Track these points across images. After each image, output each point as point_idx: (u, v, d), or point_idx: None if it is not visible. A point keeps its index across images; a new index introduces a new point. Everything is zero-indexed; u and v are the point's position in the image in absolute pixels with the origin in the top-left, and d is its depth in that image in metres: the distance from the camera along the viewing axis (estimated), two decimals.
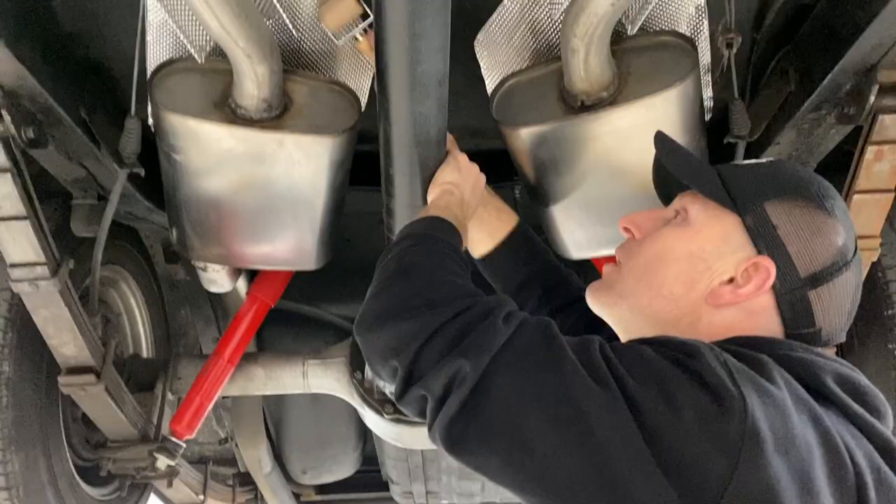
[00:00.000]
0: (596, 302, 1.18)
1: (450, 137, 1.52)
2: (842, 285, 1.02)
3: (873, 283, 1.92)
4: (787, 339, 1.01)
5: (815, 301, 1.01)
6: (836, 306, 1.02)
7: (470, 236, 1.54)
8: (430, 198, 1.42)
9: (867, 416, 0.92)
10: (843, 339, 1.06)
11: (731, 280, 1.03)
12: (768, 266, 1.00)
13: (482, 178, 1.50)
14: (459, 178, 1.41)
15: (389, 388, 2.25)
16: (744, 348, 0.93)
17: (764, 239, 1.02)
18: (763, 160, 1.43)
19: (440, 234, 1.21)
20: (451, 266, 1.13)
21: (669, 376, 0.86)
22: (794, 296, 1.01)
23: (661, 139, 1.18)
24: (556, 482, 0.86)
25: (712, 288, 1.04)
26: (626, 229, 1.17)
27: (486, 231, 1.56)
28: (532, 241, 1.58)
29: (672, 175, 1.15)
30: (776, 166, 1.13)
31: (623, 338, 1.15)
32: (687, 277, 1.06)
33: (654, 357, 0.89)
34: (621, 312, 1.14)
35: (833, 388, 0.92)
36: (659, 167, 1.22)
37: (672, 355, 0.89)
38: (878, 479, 0.87)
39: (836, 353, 1.23)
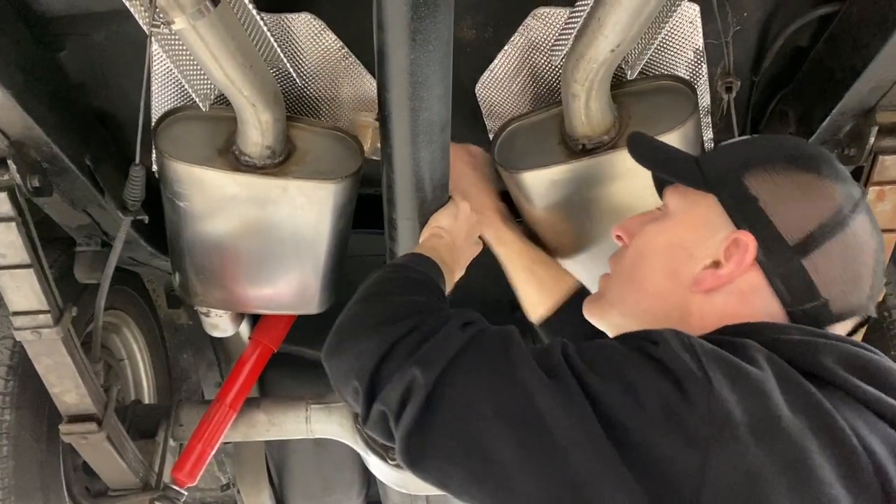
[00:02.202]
0: (590, 314, 1.16)
1: (473, 179, 1.54)
2: (841, 247, 0.92)
3: (878, 324, 1.91)
4: (787, 323, 0.93)
5: (812, 269, 0.92)
6: (841, 272, 0.92)
7: (530, 299, 1.53)
8: (420, 239, 1.43)
9: (884, 398, 0.82)
10: (869, 311, 0.96)
11: (716, 264, 0.97)
12: (747, 240, 0.94)
13: (479, 244, 1.51)
14: (453, 225, 1.42)
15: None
16: (728, 336, 0.87)
17: (743, 213, 0.96)
18: (743, 137, 1.37)
19: (414, 265, 1.19)
20: (416, 288, 1.10)
21: (630, 367, 0.81)
22: (785, 268, 0.93)
23: (632, 137, 1.14)
24: (519, 491, 0.80)
25: (695, 274, 0.98)
26: (618, 237, 1.15)
27: (546, 293, 1.52)
28: None
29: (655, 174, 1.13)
30: (753, 139, 1.09)
31: None
32: (669, 269, 1.01)
33: (617, 348, 0.85)
34: (614, 319, 1.11)
35: (835, 370, 0.83)
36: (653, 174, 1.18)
37: (634, 344, 0.84)
38: None
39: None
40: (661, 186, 1.15)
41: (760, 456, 0.73)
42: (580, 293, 1.51)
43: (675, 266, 1.01)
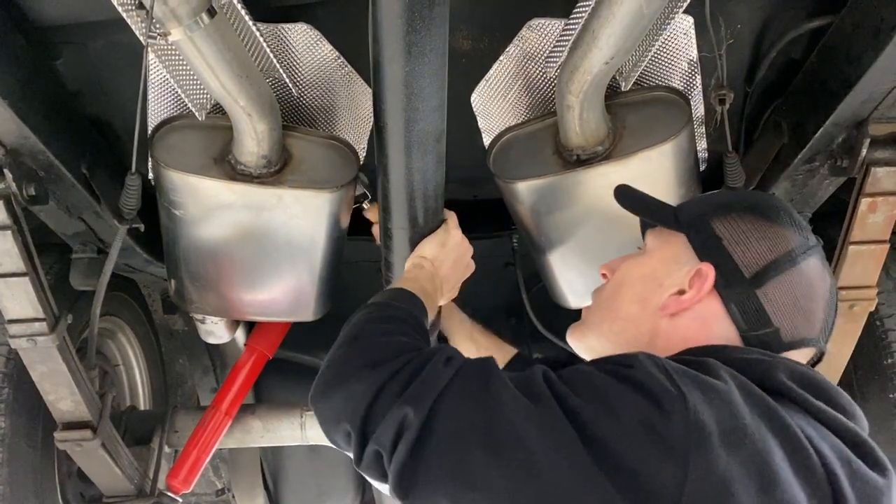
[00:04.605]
0: (571, 338, 1.25)
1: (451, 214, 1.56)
2: (792, 282, 1.03)
3: (871, 333, 1.92)
4: (744, 347, 1.03)
5: (765, 299, 1.03)
6: (791, 304, 1.03)
7: None
8: (406, 266, 1.48)
9: (830, 411, 0.93)
10: (819, 346, 1.06)
11: (681, 292, 1.08)
12: (707, 271, 1.06)
13: (470, 266, 1.57)
14: (439, 253, 1.47)
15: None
16: (692, 356, 0.96)
17: (707, 250, 1.08)
18: (715, 191, 1.57)
19: (397, 303, 1.25)
20: (400, 328, 1.16)
21: (609, 388, 0.87)
22: (741, 297, 1.03)
23: (619, 189, 1.26)
24: None
25: (663, 301, 1.09)
26: (604, 274, 1.25)
27: None
28: None
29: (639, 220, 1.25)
30: (725, 192, 1.28)
31: None
32: (640, 297, 1.12)
33: (594, 372, 0.91)
34: (591, 343, 1.21)
35: (789, 384, 0.93)
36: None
37: (610, 368, 0.91)
38: (851, 472, 0.87)
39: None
40: (643, 231, 1.27)
41: (732, 463, 0.81)
42: (518, 359, 1.66)
43: (646, 294, 1.12)
